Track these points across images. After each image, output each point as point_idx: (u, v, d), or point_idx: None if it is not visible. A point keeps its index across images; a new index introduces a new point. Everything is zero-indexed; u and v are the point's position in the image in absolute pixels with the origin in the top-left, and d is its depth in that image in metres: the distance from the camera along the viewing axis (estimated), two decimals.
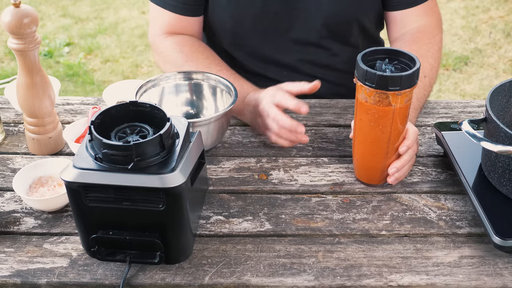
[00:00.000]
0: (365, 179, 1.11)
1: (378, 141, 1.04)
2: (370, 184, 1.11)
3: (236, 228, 1.02)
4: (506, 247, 0.93)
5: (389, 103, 0.99)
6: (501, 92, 1.06)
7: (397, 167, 1.07)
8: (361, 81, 0.99)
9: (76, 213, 0.92)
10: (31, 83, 1.10)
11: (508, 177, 0.99)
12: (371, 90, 0.98)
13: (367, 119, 1.02)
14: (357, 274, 0.93)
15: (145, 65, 3.30)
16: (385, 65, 1.00)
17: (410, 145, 1.06)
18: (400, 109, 1.00)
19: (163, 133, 0.88)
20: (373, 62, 1.01)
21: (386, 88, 0.97)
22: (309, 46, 1.37)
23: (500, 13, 3.74)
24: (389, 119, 1.01)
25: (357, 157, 1.10)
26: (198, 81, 1.25)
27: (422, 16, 1.34)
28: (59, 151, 1.20)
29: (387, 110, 1.00)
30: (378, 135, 1.03)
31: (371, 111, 1.01)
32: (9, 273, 0.93)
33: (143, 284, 0.92)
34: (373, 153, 1.06)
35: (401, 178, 1.09)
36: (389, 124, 1.01)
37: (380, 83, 0.97)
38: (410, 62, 1.01)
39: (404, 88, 0.97)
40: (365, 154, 1.08)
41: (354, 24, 1.36)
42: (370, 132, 1.03)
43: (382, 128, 1.02)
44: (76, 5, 3.89)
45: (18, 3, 1.04)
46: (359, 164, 1.11)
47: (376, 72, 0.96)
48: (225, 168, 1.15)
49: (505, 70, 3.22)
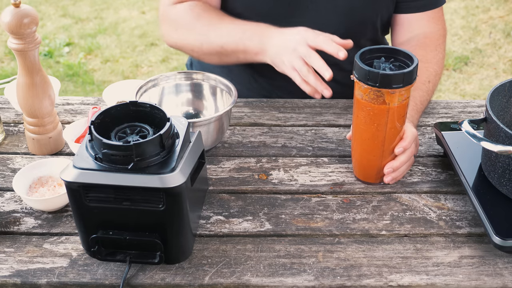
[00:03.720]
0: (362, 177, 1.11)
1: (374, 139, 1.05)
2: (367, 182, 1.11)
3: (236, 228, 1.02)
4: (506, 247, 0.93)
5: (383, 101, 0.99)
6: (501, 92, 1.07)
7: (393, 167, 1.07)
8: (357, 78, 1.00)
9: (76, 213, 0.92)
10: (31, 83, 1.10)
11: (508, 177, 0.99)
12: (366, 87, 0.99)
13: (363, 116, 1.03)
14: (357, 274, 0.93)
15: (145, 65, 3.30)
16: (382, 64, 1.00)
17: (407, 147, 1.06)
18: (397, 107, 1.00)
19: (163, 133, 0.88)
20: (371, 61, 1.02)
21: (380, 86, 0.98)
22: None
23: (500, 13, 3.74)
24: (384, 117, 1.01)
25: (355, 155, 1.11)
26: (198, 81, 1.25)
27: (429, 23, 1.34)
28: (59, 151, 1.20)
29: (382, 108, 1.00)
30: (373, 132, 1.04)
31: (367, 108, 1.01)
32: (9, 273, 0.93)
33: (143, 284, 0.92)
34: (369, 151, 1.07)
35: (398, 178, 1.10)
36: (384, 122, 1.02)
37: (374, 81, 0.98)
38: (409, 61, 1.01)
39: (399, 86, 0.98)
40: (361, 152, 1.08)
41: (369, 25, 1.35)
42: (366, 129, 1.04)
43: (377, 126, 1.03)
44: (76, 5, 3.89)
45: (18, 3, 1.04)
46: (356, 162, 1.11)
47: (369, 69, 0.97)
48: (225, 168, 1.15)
49: (505, 70, 3.21)
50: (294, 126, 1.28)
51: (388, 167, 1.07)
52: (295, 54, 1.12)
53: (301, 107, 1.34)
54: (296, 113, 1.32)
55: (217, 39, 1.25)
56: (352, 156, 1.12)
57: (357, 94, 1.02)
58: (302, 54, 1.11)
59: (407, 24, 1.36)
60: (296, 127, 1.27)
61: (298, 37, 1.12)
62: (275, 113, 1.32)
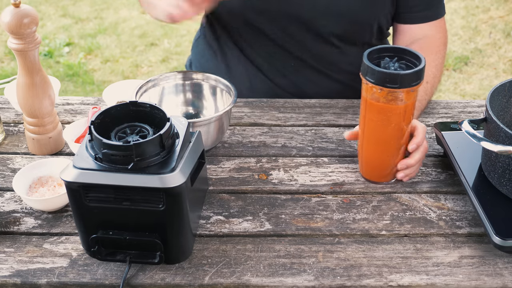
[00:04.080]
0: (373, 177, 1.11)
1: (391, 139, 1.05)
2: (377, 182, 1.11)
3: (236, 228, 1.02)
4: (506, 247, 0.93)
5: (402, 101, 1.00)
6: (501, 92, 1.07)
7: (407, 164, 1.07)
8: (374, 83, 0.99)
9: (76, 213, 0.92)
10: (31, 83, 1.10)
11: (508, 177, 0.99)
12: (384, 90, 0.99)
13: (379, 119, 1.02)
14: (357, 274, 0.93)
15: (145, 65, 3.30)
16: (391, 64, 1.01)
17: (420, 143, 1.07)
18: (411, 105, 1.02)
19: (163, 133, 0.88)
20: (378, 61, 1.02)
21: (401, 86, 0.98)
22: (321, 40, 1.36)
23: (500, 13, 3.74)
24: (401, 117, 1.02)
25: (367, 156, 1.10)
26: (198, 81, 1.25)
27: (431, 31, 1.36)
28: (59, 151, 1.20)
29: (400, 107, 1.01)
30: (391, 133, 1.04)
31: (384, 111, 1.01)
32: (9, 273, 0.93)
33: (143, 284, 0.92)
34: (387, 152, 1.07)
35: (411, 175, 1.10)
36: (400, 121, 1.03)
37: (394, 82, 0.97)
38: (412, 58, 1.02)
39: (416, 83, 0.98)
40: (378, 154, 1.07)
41: (366, 27, 1.36)
42: (384, 131, 1.04)
43: (394, 126, 1.03)
44: (76, 5, 3.89)
45: (18, 3, 1.04)
46: (368, 163, 1.10)
47: (390, 72, 0.97)
48: (225, 168, 1.15)
49: (505, 70, 3.22)
50: (294, 126, 1.28)
51: (403, 163, 1.07)
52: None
53: (301, 107, 1.34)
54: (296, 113, 1.32)
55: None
56: (361, 157, 1.11)
57: (371, 97, 1.01)
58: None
59: (408, 32, 1.38)
60: (296, 127, 1.27)
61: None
62: (275, 113, 1.32)
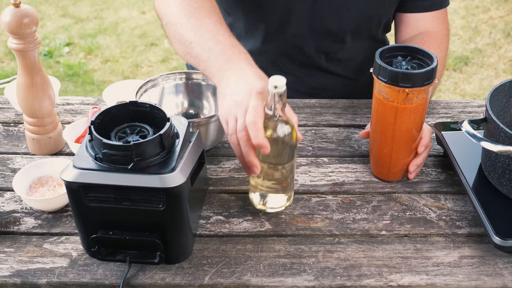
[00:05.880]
0: (387, 176, 1.11)
1: (409, 139, 1.06)
2: (390, 181, 1.11)
3: (236, 228, 1.02)
4: (506, 247, 0.93)
5: (422, 99, 1.01)
6: (501, 92, 1.07)
7: (417, 164, 1.10)
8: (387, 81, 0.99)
9: (76, 213, 0.92)
10: (31, 83, 1.10)
11: (508, 177, 0.99)
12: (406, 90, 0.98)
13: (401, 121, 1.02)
14: (357, 274, 0.93)
15: (145, 65, 3.30)
16: (403, 63, 1.01)
17: (428, 144, 1.10)
18: (425, 103, 1.03)
19: (163, 133, 0.88)
20: (389, 60, 1.02)
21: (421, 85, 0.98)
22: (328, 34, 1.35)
23: (500, 13, 3.74)
24: (420, 114, 1.03)
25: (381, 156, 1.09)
26: (198, 81, 1.25)
27: (434, 22, 1.36)
28: (59, 151, 1.20)
29: (420, 105, 1.01)
30: (411, 133, 1.05)
31: (414, 111, 1.01)
32: (9, 273, 0.93)
33: (143, 284, 0.92)
34: (399, 151, 1.07)
35: (418, 173, 1.13)
36: (420, 119, 1.04)
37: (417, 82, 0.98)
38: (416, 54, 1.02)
39: (431, 81, 0.99)
40: (393, 153, 1.07)
41: (373, 21, 1.36)
42: (405, 132, 1.04)
43: (413, 125, 1.04)
44: (76, 5, 3.89)
45: (18, 3, 1.04)
46: (384, 163, 1.09)
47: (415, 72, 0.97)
48: (225, 168, 1.15)
49: (505, 70, 3.22)
50: None
51: (413, 164, 1.10)
52: (239, 110, 0.91)
53: (301, 107, 1.34)
54: (296, 113, 1.31)
55: (191, 32, 1.06)
56: (376, 157, 1.10)
57: (392, 99, 1.01)
58: (251, 106, 0.89)
59: (412, 22, 1.37)
60: None
61: (245, 93, 0.91)
62: None
